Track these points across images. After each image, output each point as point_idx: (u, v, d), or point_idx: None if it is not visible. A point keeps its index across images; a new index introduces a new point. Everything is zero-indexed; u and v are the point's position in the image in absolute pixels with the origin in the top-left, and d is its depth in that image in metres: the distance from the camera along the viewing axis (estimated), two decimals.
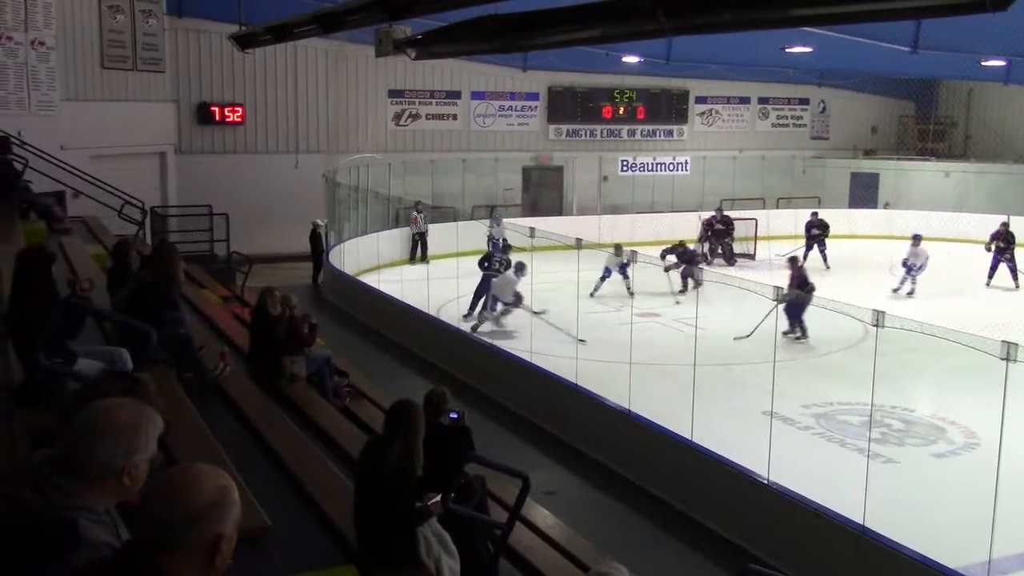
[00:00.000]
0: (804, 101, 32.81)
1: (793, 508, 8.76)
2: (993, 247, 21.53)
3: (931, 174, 30.00)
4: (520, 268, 17.00)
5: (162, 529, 2.16)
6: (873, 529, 8.04)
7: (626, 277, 19.08)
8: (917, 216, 27.50)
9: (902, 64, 23.57)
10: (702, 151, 30.64)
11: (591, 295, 18.73)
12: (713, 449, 9.95)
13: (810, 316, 15.83)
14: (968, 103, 32.24)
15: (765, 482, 9.08)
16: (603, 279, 19.39)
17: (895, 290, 20.23)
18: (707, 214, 25.78)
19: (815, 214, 24.31)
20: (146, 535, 2.20)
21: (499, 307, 17.17)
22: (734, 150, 30.82)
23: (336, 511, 5.61)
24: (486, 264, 18.21)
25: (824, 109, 33.08)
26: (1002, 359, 7.51)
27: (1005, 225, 21.50)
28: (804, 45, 22.30)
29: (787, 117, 32.78)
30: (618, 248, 18.96)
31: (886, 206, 29.54)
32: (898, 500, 9.44)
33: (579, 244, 14.42)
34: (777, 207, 28.98)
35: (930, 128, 32.60)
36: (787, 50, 23.00)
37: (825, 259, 23.44)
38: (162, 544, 2.15)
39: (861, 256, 24.51)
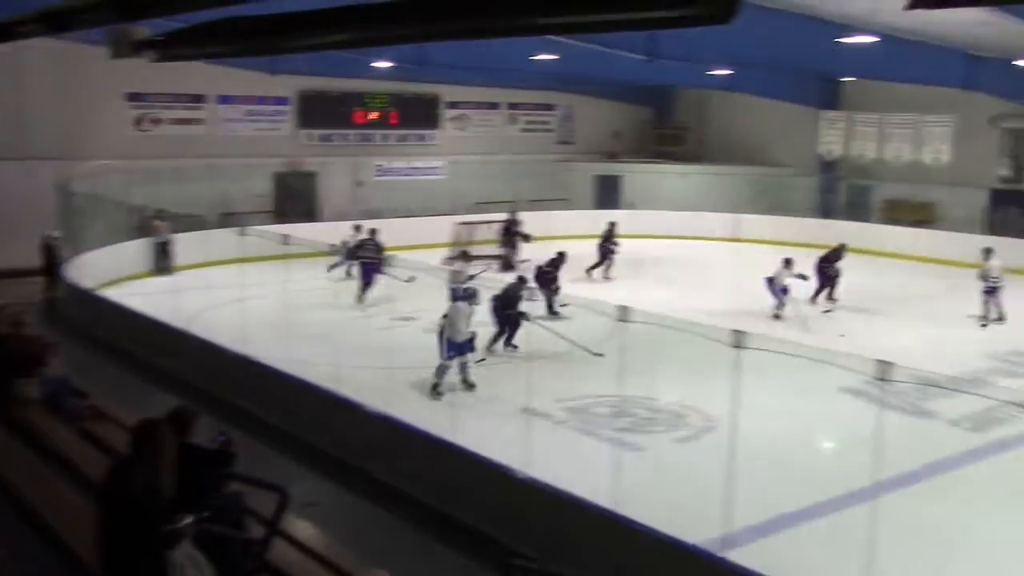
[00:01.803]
0: (551, 107, 33.97)
1: (548, 499, 9.02)
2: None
3: (670, 176, 31.95)
4: (471, 296, 14.13)
5: None
6: (621, 513, 8.42)
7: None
8: (658, 216, 29.40)
9: (640, 72, 24.76)
10: (455, 155, 31.13)
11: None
12: (468, 447, 10.06)
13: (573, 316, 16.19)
14: (700, 109, 34.52)
15: (519, 476, 9.30)
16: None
17: (983, 318, 18.19)
18: (466, 217, 26.14)
19: (843, 247, 20.34)
20: None
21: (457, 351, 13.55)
22: (486, 154, 31.47)
23: (76, 538, 5.29)
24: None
25: (569, 115, 34.40)
26: (733, 347, 8.09)
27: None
28: (550, 53, 23.08)
29: (535, 122, 33.85)
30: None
31: (631, 207, 31.07)
32: (646, 483, 10.02)
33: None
34: (530, 209, 29.79)
35: (667, 133, 34.82)
36: (534, 58, 23.72)
37: (832, 291, 20.06)
38: None
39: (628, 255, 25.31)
